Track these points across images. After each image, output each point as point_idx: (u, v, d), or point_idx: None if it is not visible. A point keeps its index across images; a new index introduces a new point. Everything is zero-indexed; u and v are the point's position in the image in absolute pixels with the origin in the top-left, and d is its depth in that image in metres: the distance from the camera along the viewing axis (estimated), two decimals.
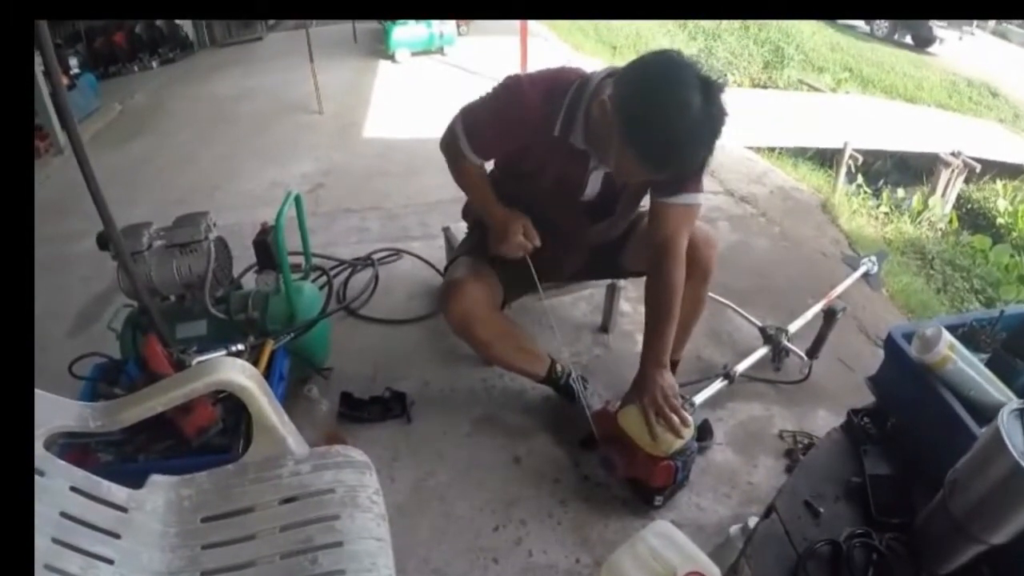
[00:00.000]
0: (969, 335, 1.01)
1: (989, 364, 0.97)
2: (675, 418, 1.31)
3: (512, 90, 1.28)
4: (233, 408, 1.38)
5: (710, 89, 1.07)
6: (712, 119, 1.08)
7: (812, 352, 1.81)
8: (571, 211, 1.44)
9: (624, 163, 1.18)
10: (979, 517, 0.75)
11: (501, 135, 1.33)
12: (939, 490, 0.81)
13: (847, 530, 0.84)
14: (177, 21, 5.84)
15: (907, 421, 1.01)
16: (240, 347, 1.43)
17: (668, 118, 1.08)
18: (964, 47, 10.32)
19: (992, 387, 0.91)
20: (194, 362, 1.31)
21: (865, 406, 1.07)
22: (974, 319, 1.06)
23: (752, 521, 1.22)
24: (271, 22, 6.94)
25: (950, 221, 4.84)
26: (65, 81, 4.13)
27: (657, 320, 1.41)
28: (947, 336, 0.92)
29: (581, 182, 1.38)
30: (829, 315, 1.76)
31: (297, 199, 1.67)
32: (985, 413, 0.78)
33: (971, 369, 0.93)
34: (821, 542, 0.83)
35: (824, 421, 1.68)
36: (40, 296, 2.22)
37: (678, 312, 1.40)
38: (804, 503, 0.91)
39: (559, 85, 1.26)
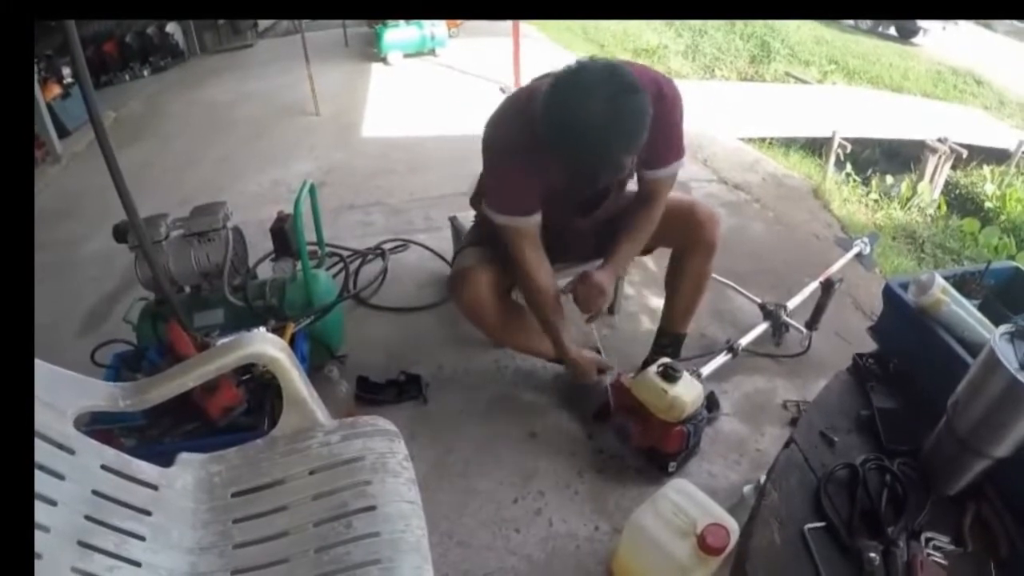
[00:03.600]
0: (959, 284, 1.07)
1: (979, 310, 1.03)
2: (588, 302, 1.43)
3: (490, 141, 1.33)
4: (255, 389, 1.41)
5: (613, 87, 1.10)
6: (616, 113, 1.09)
7: (811, 323, 1.87)
8: (566, 209, 1.48)
9: (553, 167, 1.22)
10: (981, 433, 0.81)
11: (518, 180, 1.33)
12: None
13: (861, 456, 0.90)
14: (168, 29, 5.83)
15: (908, 362, 1.07)
16: (262, 330, 1.46)
17: (566, 110, 1.11)
18: (948, 36, 10.44)
19: (983, 328, 0.97)
20: (218, 344, 1.33)
21: (869, 352, 1.13)
22: (963, 271, 1.14)
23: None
24: (260, 29, 6.94)
25: (939, 206, 4.91)
26: (58, 90, 4.14)
27: (625, 235, 1.47)
28: (940, 280, 0.98)
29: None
30: (827, 286, 1.82)
31: (312, 189, 1.71)
32: (978, 352, 0.84)
33: (963, 311, 0.99)
34: (839, 465, 0.89)
35: None
36: (49, 299, 2.25)
37: (644, 241, 1.49)
38: (820, 433, 0.97)
39: (515, 108, 1.31)
